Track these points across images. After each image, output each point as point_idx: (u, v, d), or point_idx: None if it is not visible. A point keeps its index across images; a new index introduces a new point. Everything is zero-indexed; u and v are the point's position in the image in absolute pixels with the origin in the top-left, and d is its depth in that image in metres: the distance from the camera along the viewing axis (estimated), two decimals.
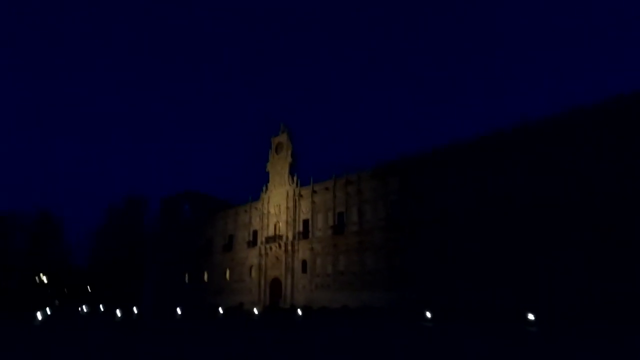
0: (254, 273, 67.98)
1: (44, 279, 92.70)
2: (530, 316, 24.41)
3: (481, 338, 20.26)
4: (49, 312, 48.68)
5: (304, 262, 60.27)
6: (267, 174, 70.09)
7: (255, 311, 44.14)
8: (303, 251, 60.65)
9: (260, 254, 66.83)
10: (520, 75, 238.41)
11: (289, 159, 66.92)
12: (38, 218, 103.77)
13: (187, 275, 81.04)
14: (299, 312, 38.60)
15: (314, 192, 61.34)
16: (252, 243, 69.56)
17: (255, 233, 70.12)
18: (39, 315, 34.53)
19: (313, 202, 61.22)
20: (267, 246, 65.58)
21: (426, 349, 16.48)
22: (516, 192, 40.93)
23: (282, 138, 69.04)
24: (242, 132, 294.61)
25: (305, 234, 61.30)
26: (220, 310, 48.66)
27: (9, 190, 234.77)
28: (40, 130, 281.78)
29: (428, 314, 29.49)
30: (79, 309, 65.59)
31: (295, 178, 65.27)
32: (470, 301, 39.98)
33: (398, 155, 52.43)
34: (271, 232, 66.51)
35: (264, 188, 69.86)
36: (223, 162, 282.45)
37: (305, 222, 61.96)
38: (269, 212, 67.78)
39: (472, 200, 43.99)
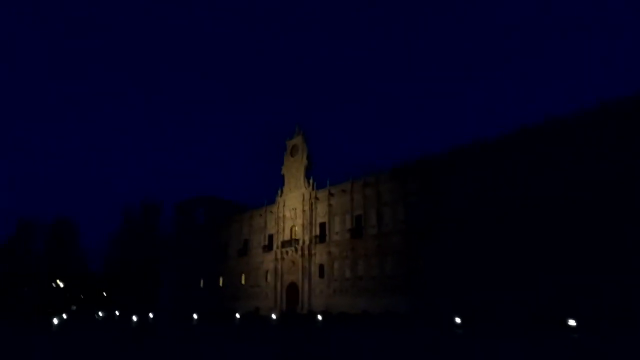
0: (269, 278, 66.90)
1: (61, 284, 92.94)
2: (571, 322, 22.73)
3: (532, 349, 18.64)
4: (65, 318, 48.28)
5: (321, 267, 58.97)
6: (282, 177, 69.15)
7: (273, 316, 42.98)
8: (320, 255, 59.37)
9: (276, 259, 65.74)
10: (538, 72, 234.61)
11: (305, 162, 65.89)
12: (55, 224, 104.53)
13: (202, 280, 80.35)
14: (319, 317, 37.30)
15: (330, 194, 60.12)
16: (268, 247, 68.54)
17: (270, 237, 69.11)
18: (55, 321, 33.94)
19: (330, 205, 60.00)
20: (283, 250, 64.47)
21: None
22: (545, 192, 39.16)
23: (297, 140, 68.09)
24: (257, 135, 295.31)
25: (322, 237, 60.04)
26: (237, 315, 47.59)
27: (26, 197, 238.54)
28: (56, 136, 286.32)
29: (458, 320, 27.99)
30: (95, 314, 65.30)
31: (311, 181, 64.17)
32: (499, 306, 38.21)
33: (417, 157, 51.00)
34: (287, 236, 65.42)
35: (279, 191, 68.91)
36: (238, 166, 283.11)
37: (322, 225, 60.73)
38: (284, 215, 66.75)
39: (497, 201, 42.30)
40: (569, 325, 22.71)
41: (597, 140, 37.46)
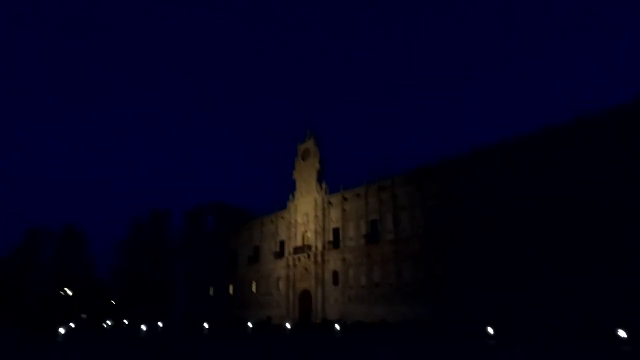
0: (281, 285, 64.97)
1: (69, 292, 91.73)
2: (621, 332, 20.57)
3: None
4: (72, 327, 46.75)
5: (335, 274, 56.96)
6: (294, 182, 67.54)
7: (288, 326, 41.02)
8: (334, 262, 57.39)
9: (288, 266, 63.86)
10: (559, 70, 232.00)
11: (317, 166, 64.24)
12: (63, 232, 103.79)
13: (211, 288, 78.62)
14: (337, 326, 35.29)
15: (344, 199, 58.28)
16: (279, 254, 66.74)
17: (282, 243, 67.32)
18: (62, 331, 32.35)
19: (343, 210, 58.12)
20: (295, 257, 62.61)
21: None
22: (576, 193, 36.98)
23: (309, 144, 66.53)
24: (267, 140, 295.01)
25: (335, 243, 58.11)
26: (249, 324, 45.69)
27: (34, 205, 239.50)
28: (64, 144, 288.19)
29: (490, 330, 25.91)
30: (103, 324, 63.74)
31: (323, 185, 62.43)
32: (531, 314, 35.97)
33: (435, 159, 49.07)
34: (299, 242, 63.58)
35: (291, 196, 67.24)
36: (247, 171, 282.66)
37: (336, 231, 58.83)
38: (296, 221, 64.97)
39: (524, 203, 40.17)
40: (619, 337, 20.55)
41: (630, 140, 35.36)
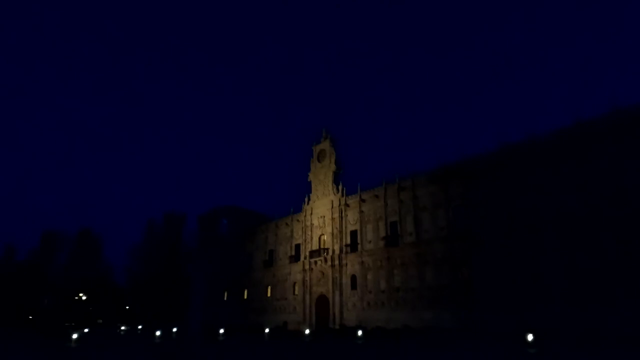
0: (297, 290, 63.29)
1: (83, 297, 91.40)
2: None
3: None
4: (85, 332, 45.77)
5: (353, 278, 55.09)
6: (309, 183, 66.03)
7: (307, 332, 39.29)
8: (352, 265, 55.55)
9: (304, 269, 62.20)
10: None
11: (333, 167, 62.66)
12: (78, 236, 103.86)
13: (226, 293, 77.31)
14: (359, 333, 33.46)
15: (362, 200, 56.50)
16: (295, 258, 65.15)
17: (297, 247, 65.75)
18: (75, 336, 31.25)
19: (361, 212, 56.32)
20: (312, 261, 60.92)
21: None
22: (620, 193, 34.61)
23: (325, 145, 65.03)
24: (281, 142, 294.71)
25: (353, 246, 56.29)
26: (266, 330, 44.10)
27: (50, 209, 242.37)
28: (79, 149, 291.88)
29: (530, 337, 23.92)
30: (118, 328, 62.84)
31: (340, 187, 60.76)
32: (569, 322, 33.65)
33: (459, 157, 46.95)
34: (315, 246, 61.92)
35: (306, 199, 65.71)
36: (262, 174, 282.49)
37: (353, 233, 57.03)
38: (312, 224, 63.37)
39: (554, 205, 37.90)
40: None
41: None
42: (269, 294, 68.54)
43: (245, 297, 73.09)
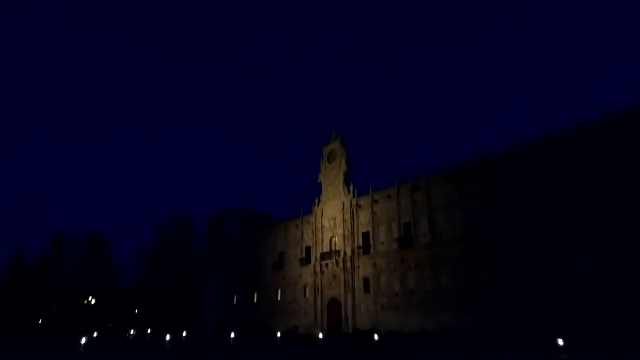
0: (308, 293, 62.14)
1: (92, 300, 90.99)
2: None
3: None
4: (94, 337, 45.01)
5: (365, 280, 53.86)
6: (319, 185, 65.00)
7: (320, 336, 38.14)
8: (364, 268, 54.32)
9: (314, 272, 61.07)
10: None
11: (343, 167, 61.59)
12: (87, 239, 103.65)
13: (235, 296, 76.40)
14: (375, 337, 32.26)
15: (373, 201, 55.32)
16: (305, 260, 64.04)
17: (308, 249, 64.66)
18: (83, 340, 30.41)
19: (373, 213, 55.14)
20: (323, 263, 59.79)
21: None
22: None
23: (335, 145, 64.01)
24: (290, 143, 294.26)
25: (365, 248, 55.07)
26: (278, 334, 43.02)
27: (59, 212, 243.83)
28: (88, 154, 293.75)
29: (560, 342, 22.58)
30: (127, 333, 62.13)
31: (351, 187, 59.65)
32: (595, 325, 32.17)
33: (476, 155, 45.68)
34: (326, 248, 60.81)
35: (317, 200, 64.67)
36: (271, 176, 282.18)
37: (365, 235, 55.82)
38: (322, 225, 62.29)
39: (574, 203, 36.47)
40: None
41: None
42: (279, 297, 67.48)
43: (255, 300, 72.10)
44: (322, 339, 37.57)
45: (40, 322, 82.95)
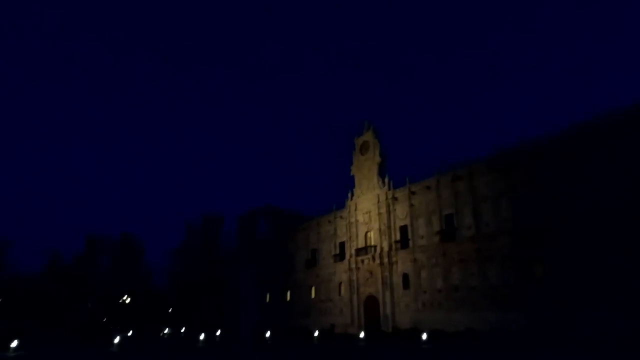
0: (343, 291, 59.81)
1: (127, 300, 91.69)
2: None
3: None
4: (128, 336, 44.25)
5: (405, 276, 51.06)
6: (352, 178, 62.49)
7: (361, 335, 35.76)
8: (403, 263, 51.52)
9: (349, 269, 58.69)
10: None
11: (377, 159, 58.82)
12: (121, 240, 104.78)
13: (268, 294, 74.96)
14: (424, 336, 29.63)
15: (411, 193, 52.39)
16: (340, 257, 61.72)
17: (342, 245, 62.32)
18: (116, 341, 29.25)
19: (411, 205, 52.22)
20: (358, 259, 57.33)
21: None
22: None
23: (367, 137, 61.32)
24: (321, 136, 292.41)
25: (404, 242, 52.25)
26: (315, 334, 40.91)
27: (93, 215, 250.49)
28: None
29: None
30: (161, 332, 61.61)
31: (386, 179, 56.87)
32: None
33: (523, 142, 42.06)
34: (361, 243, 58.30)
35: (350, 194, 62.20)
36: (302, 171, 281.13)
37: (403, 228, 52.97)
38: (357, 220, 59.79)
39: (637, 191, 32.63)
40: None
41: None
42: (312, 295, 65.48)
43: (288, 299, 70.37)
44: (362, 338, 35.15)
45: (75, 321, 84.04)
